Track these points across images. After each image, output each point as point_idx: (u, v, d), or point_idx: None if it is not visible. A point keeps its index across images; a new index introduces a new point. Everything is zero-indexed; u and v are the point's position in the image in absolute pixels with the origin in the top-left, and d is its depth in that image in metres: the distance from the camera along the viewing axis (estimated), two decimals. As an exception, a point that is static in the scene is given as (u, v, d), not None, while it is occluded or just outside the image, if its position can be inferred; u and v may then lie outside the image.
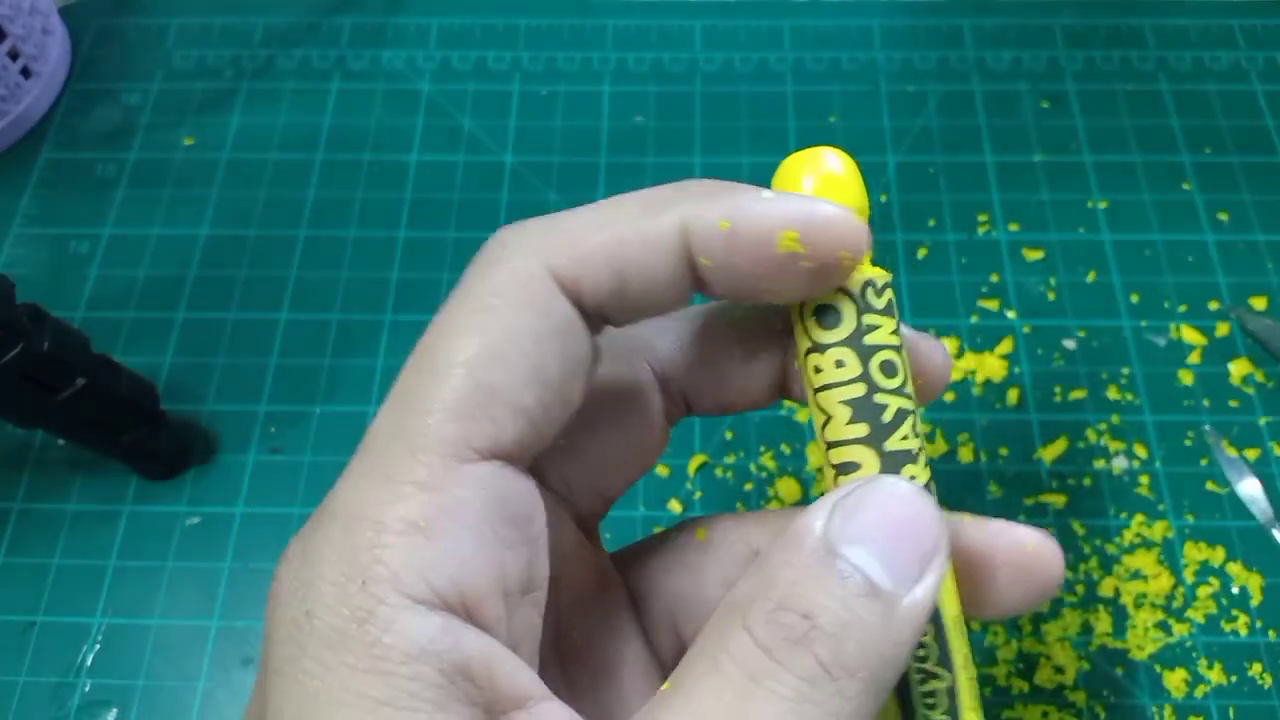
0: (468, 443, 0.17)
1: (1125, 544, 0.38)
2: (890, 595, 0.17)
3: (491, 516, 0.17)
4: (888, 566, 0.17)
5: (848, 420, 0.19)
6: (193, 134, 0.49)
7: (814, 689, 0.16)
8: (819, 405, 0.19)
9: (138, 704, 0.36)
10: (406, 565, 0.16)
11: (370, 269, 0.45)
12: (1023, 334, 0.43)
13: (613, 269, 0.18)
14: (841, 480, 0.19)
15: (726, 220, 0.18)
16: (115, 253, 0.45)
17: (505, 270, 0.18)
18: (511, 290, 0.18)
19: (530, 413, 0.17)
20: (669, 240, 0.18)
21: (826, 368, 0.19)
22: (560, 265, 0.18)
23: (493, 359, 0.17)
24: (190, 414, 0.41)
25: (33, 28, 0.48)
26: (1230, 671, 0.36)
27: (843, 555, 0.17)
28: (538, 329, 0.17)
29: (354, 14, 0.52)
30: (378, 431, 0.18)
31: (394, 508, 0.16)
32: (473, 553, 0.17)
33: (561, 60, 0.50)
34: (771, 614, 0.16)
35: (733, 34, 0.51)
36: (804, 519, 0.17)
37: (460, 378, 0.17)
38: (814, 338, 0.19)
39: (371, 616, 0.16)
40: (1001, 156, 0.47)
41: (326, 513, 0.17)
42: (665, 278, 0.18)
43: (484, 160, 0.47)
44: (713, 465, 0.40)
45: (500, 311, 0.17)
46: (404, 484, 0.17)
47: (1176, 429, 0.40)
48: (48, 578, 0.38)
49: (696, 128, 0.48)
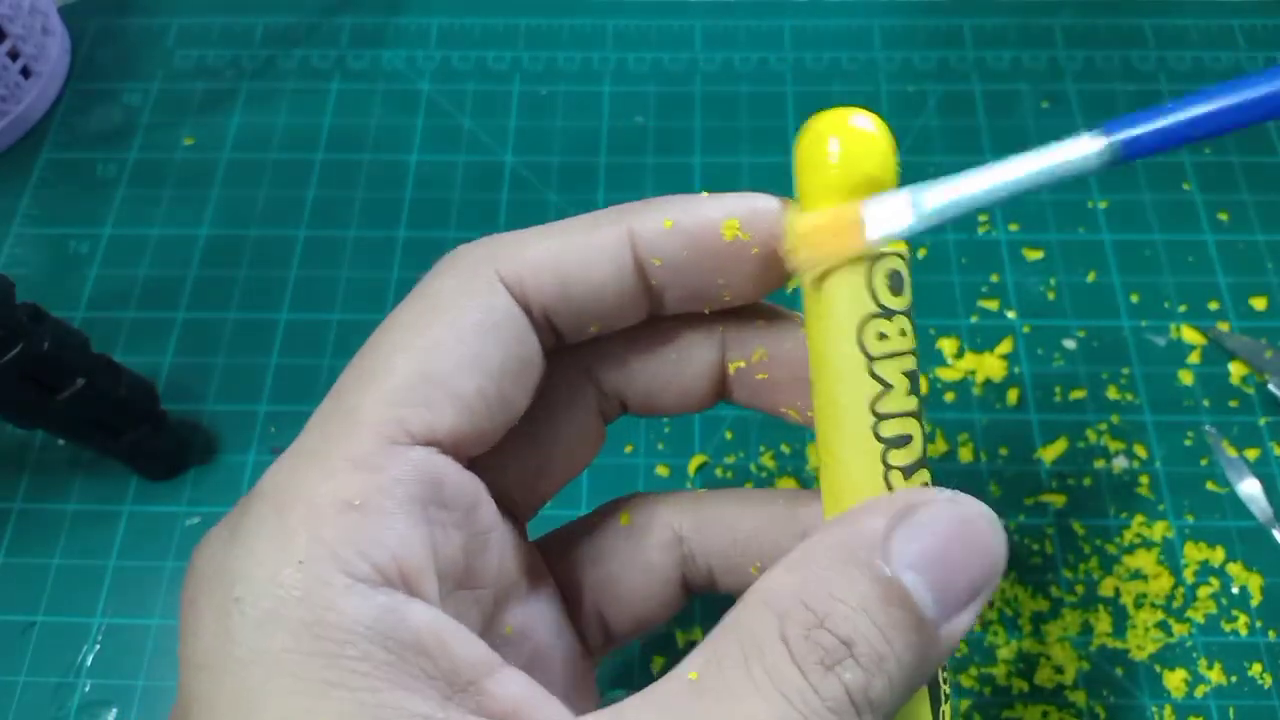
0: (402, 425, 0.17)
1: (1125, 544, 0.38)
2: (933, 626, 0.16)
3: (425, 499, 0.17)
4: (939, 597, 0.16)
5: (907, 391, 0.18)
6: (193, 134, 0.49)
7: (836, 717, 0.15)
8: (875, 374, 0.18)
9: (138, 704, 0.36)
10: (344, 543, 0.16)
11: (370, 269, 0.45)
12: (1023, 334, 0.43)
13: (557, 273, 0.18)
14: (894, 456, 0.18)
15: (670, 219, 0.18)
16: (115, 253, 0.45)
17: (452, 272, 0.18)
18: (456, 288, 0.18)
19: (468, 402, 0.18)
20: (613, 247, 0.18)
21: (893, 335, 0.18)
22: (506, 268, 0.18)
23: (433, 347, 0.17)
24: (190, 414, 0.41)
25: (33, 28, 0.48)
26: (1230, 671, 0.36)
27: (898, 578, 0.16)
28: (480, 322, 0.18)
29: (354, 14, 0.52)
30: (316, 416, 0.18)
31: (327, 486, 0.16)
32: (406, 529, 0.17)
33: (561, 60, 0.50)
34: (811, 630, 0.16)
35: (733, 34, 0.51)
36: (864, 520, 0.17)
37: (400, 364, 0.17)
38: (884, 303, 0.18)
39: (310, 596, 0.15)
40: (1001, 156, 0.47)
41: (255, 495, 0.17)
42: (611, 283, 0.19)
43: (484, 160, 0.47)
44: (713, 465, 0.40)
45: (444, 307, 0.18)
46: (338, 464, 0.17)
47: (1176, 429, 0.40)
48: (48, 578, 0.38)
49: (696, 128, 0.48)
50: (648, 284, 0.19)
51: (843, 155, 0.18)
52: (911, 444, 0.18)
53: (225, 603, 0.16)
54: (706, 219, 0.18)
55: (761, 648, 0.16)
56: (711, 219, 0.18)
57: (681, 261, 0.19)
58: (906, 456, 0.18)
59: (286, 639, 0.15)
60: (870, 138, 0.18)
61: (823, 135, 0.18)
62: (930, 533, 0.16)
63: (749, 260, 0.18)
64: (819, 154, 0.18)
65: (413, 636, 0.16)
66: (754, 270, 0.19)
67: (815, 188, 0.18)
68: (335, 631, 0.15)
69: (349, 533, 0.16)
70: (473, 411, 0.18)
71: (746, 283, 0.19)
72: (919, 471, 0.18)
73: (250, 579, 0.16)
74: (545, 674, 0.21)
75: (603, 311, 0.19)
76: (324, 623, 0.15)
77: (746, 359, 0.21)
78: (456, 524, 0.18)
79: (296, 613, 0.15)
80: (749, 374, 0.21)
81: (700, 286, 0.19)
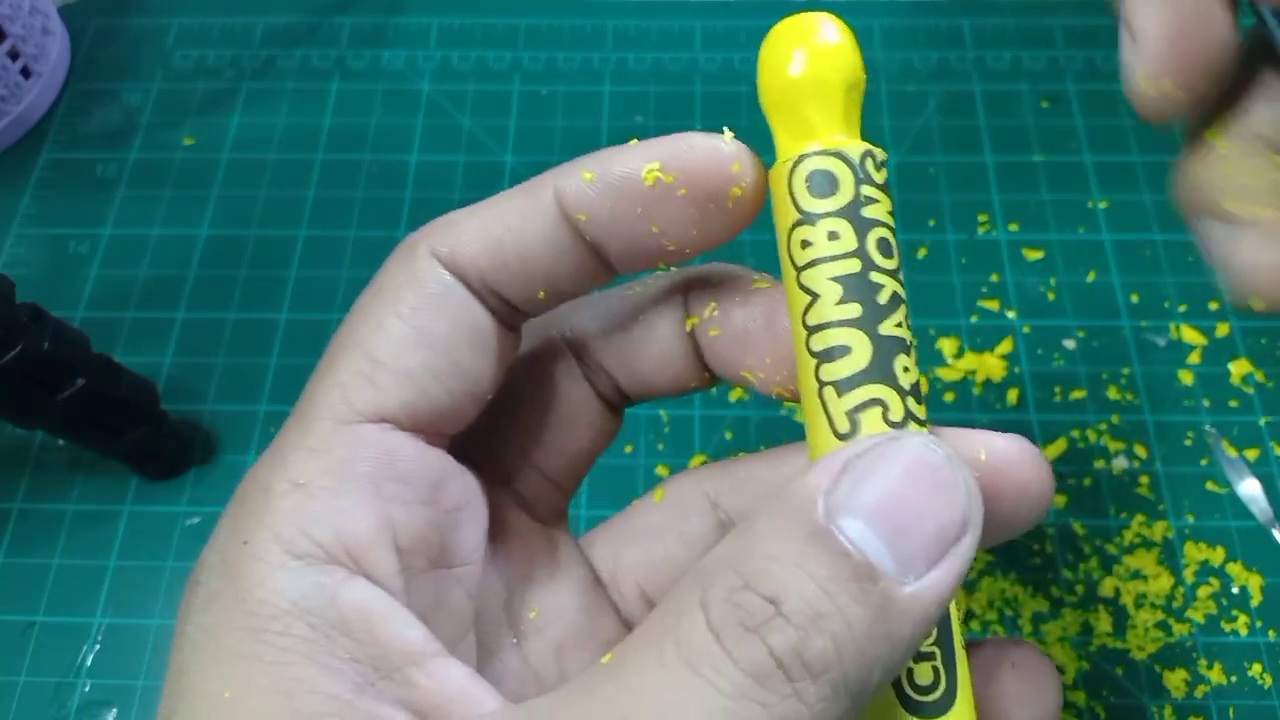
0: (350, 405, 0.17)
1: (1125, 544, 0.38)
2: (889, 582, 0.14)
3: (376, 474, 0.17)
4: (893, 546, 0.14)
5: (838, 300, 0.17)
6: (193, 134, 0.49)
7: (760, 687, 0.13)
8: (803, 285, 0.17)
9: (138, 704, 0.36)
10: (287, 521, 0.16)
11: (370, 269, 0.44)
12: (1023, 334, 0.43)
13: (488, 239, 0.18)
14: (825, 370, 0.17)
15: (589, 172, 0.18)
16: (115, 253, 0.45)
17: (391, 261, 0.19)
18: (394, 273, 0.19)
19: (415, 376, 0.18)
20: (539, 207, 0.18)
21: (817, 240, 0.17)
22: (439, 245, 0.19)
23: (375, 329, 0.18)
24: (190, 414, 0.41)
25: (33, 28, 0.48)
26: (1230, 671, 0.36)
27: (837, 529, 0.14)
28: (418, 298, 0.18)
29: (354, 14, 0.52)
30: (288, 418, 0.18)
31: (280, 471, 0.17)
32: (354, 505, 0.17)
33: (561, 60, 0.50)
34: (733, 592, 0.14)
35: (733, 34, 0.51)
36: (805, 479, 0.15)
37: (347, 351, 0.18)
38: (802, 206, 0.17)
39: (246, 574, 0.16)
40: (1001, 156, 0.47)
41: (234, 495, 0.18)
42: (542, 243, 0.18)
43: (484, 160, 0.47)
44: (713, 465, 0.40)
45: (384, 293, 0.18)
46: (292, 451, 0.17)
47: (1176, 429, 0.40)
48: (48, 578, 0.38)
49: (696, 128, 0.48)
50: (583, 241, 0.19)
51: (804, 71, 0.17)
52: (848, 357, 0.17)
53: (190, 584, 0.17)
54: (625, 167, 0.18)
55: (679, 619, 0.14)
56: (630, 166, 0.18)
57: (607, 212, 0.18)
58: (839, 370, 0.17)
59: (221, 615, 0.16)
60: (832, 49, 0.18)
61: (786, 46, 0.18)
62: (875, 476, 0.15)
63: (677, 203, 0.18)
64: (780, 66, 0.18)
65: (338, 616, 0.16)
66: (686, 213, 0.18)
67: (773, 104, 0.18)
68: (262, 607, 0.15)
69: (292, 512, 0.16)
70: (421, 385, 0.18)
71: (681, 227, 0.18)
72: (866, 387, 0.17)
73: (205, 563, 0.17)
74: (580, 658, 0.21)
75: (543, 273, 0.19)
76: (253, 598, 0.16)
77: (701, 317, 0.21)
78: (420, 500, 0.18)
79: (232, 589, 0.16)
80: (704, 333, 0.21)
81: (633, 236, 0.18)
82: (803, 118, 0.18)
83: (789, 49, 0.18)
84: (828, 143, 0.18)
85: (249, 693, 0.15)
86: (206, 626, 0.16)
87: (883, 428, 0.17)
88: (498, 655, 0.20)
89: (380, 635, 0.16)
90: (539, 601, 0.21)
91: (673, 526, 0.22)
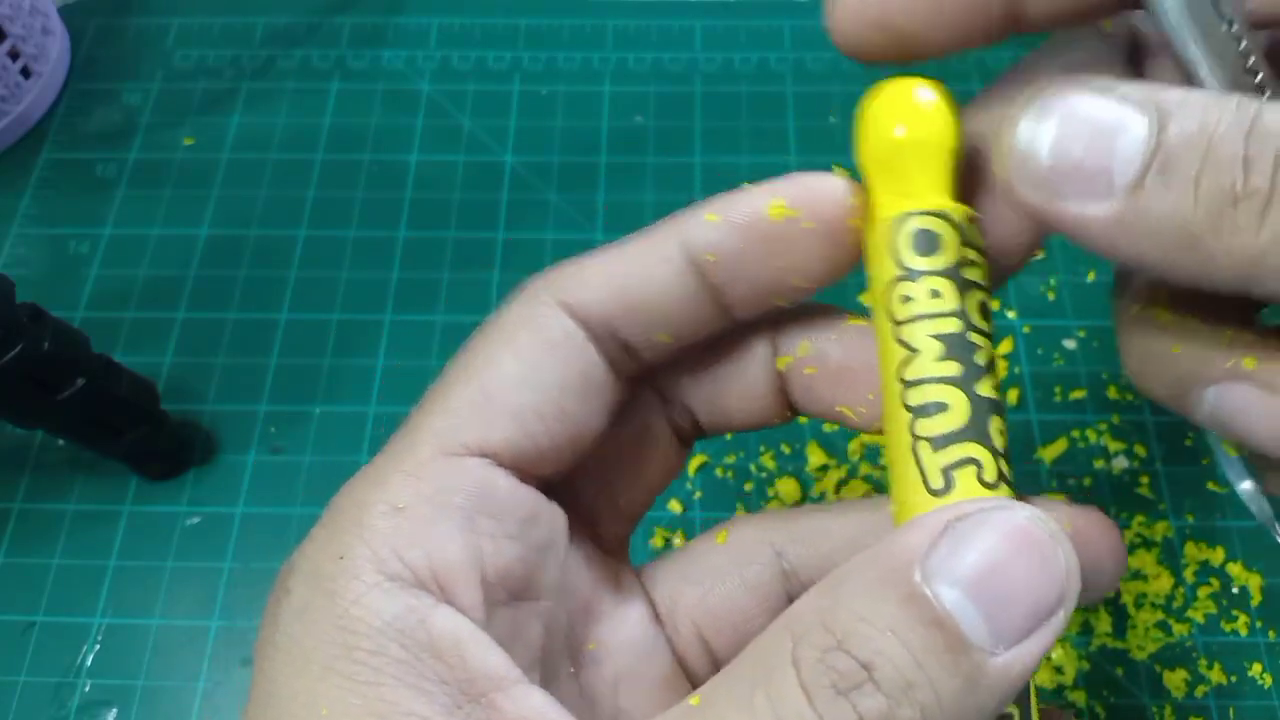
0: (455, 436, 0.18)
1: (1125, 544, 0.38)
2: (980, 654, 0.14)
3: (471, 507, 0.18)
4: (990, 619, 0.14)
5: (937, 356, 0.17)
6: (193, 134, 0.49)
7: None
8: (901, 340, 0.17)
9: (138, 704, 0.36)
10: (383, 542, 0.17)
11: (370, 269, 0.45)
12: (1023, 334, 0.43)
13: (612, 285, 0.19)
14: (921, 425, 0.17)
15: (713, 214, 0.19)
16: (115, 253, 0.45)
17: (512, 303, 0.19)
18: (515, 315, 0.19)
19: (523, 416, 0.18)
20: (667, 252, 0.19)
21: (918, 296, 0.17)
22: (562, 291, 0.19)
23: (488, 368, 0.18)
24: (190, 414, 0.41)
25: (33, 28, 0.48)
26: (1230, 671, 0.36)
27: (934, 595, 0.14)
28: (536, 341, 0.19)
29: (354, 14, 0.52)
30: (388, 442, 0.19)
31: (379, 492, 0.17)
32: (448, 534, 0.17)
33: (561, 60, 0.50)
34: (826, 653, 0.14)
35: (733, 34, 0.51)
36: (903, 537, 0.15)
37: (458, 387, 0.18)
38: (905, 262, 0.18)
39: (342, 590, 0.16)
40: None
41: (329, 506, 0.18)
42: (668, 287, 0.19)
43: (484, 160, 0.47)
44: (713, 465, 0.40)
45: (503, 334, 0.19)
46: (393, 474, 0.18)
47: (1176, 429, 0.40)
48: (48, 578, 0.38)
49: (696, 128, 0.48)
50: (709, 284, 0.19)
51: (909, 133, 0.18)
52: (946, 413, 0.17)
53: (280, 593, 0.17)
54: (750, 204, 0.19)
55: (770, 672, 0.14)
56: (755, 203, 0.18)
57: (734, 252, 0.19)
58: (936, 427, 0.17)
59: (312, 627, 0.16)
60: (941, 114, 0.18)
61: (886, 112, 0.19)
62: (977, 544, 0.15)
63: (804, 237, 0.18)
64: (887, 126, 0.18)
65: (430, 639, 0.16)
66: (814, 248, 0.18)
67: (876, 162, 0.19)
68: (356, 624, 0.16)
69: (389, 534, 0.17)
70: (528, 426, 0.18)
71: (810, 262, 0.19)
72: (962, 445, 0.17)
73: (298, 572, 0.17)
74: (634, 692, 0.21)
75: (666, 318, 0.19)
76: (348, 615, 0.16)
77: (794, 355, 0.21)
78: (510, 535, 0.18)
79: (325, 603, 0.16)
80: (798, 370, 0.21)
81: (761, 275, 0.19)
82: (906, 177, 0.18)
83: (896, 110, 0.19)
84: (931, 203, 0.18)
85: (344, 713, 0.15)
86: (296, 637, 0.16)
87: (977, 487, 0.17)
88: (555, 683, 0.20)
89: (468, 660, 0.16)
90: (599, 633, 0.21)
91: (735, 571, 0.22)
